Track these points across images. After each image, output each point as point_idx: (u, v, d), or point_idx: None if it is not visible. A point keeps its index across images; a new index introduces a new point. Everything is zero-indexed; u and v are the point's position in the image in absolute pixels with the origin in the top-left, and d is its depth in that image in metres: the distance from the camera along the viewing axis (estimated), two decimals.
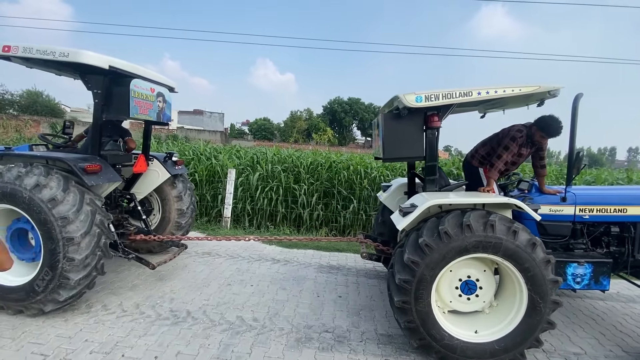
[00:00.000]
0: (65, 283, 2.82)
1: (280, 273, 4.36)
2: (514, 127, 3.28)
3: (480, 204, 2.72)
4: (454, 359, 2.56)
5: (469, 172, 3.65)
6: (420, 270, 2.50)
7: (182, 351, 2.61)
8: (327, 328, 3.10)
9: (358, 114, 63.87)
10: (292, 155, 8.09)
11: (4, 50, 2.96)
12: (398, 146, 2.97)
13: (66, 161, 2.98)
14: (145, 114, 3.40)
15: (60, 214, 2.77)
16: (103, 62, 2.98)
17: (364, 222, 6.75)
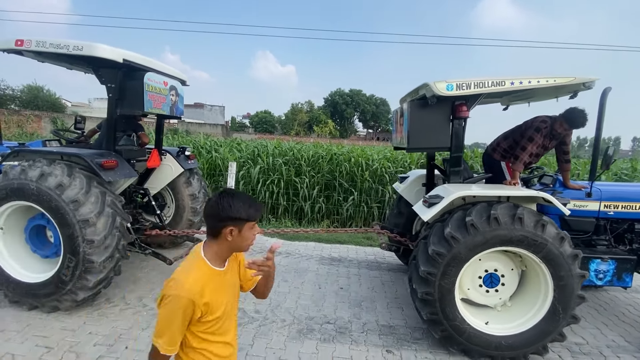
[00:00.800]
0: (91, 267, 2.80)
1: (282, 265, 4.38)
2: (538, 118, 3.20)
3: (507, 196, 2.67)
4: (478, 351, 2.58)
5: (490, 165, 3.56)
6: (445, 262, 2.48)
7: None
8: (329, 319, 3.11)
9: (360, 105, 63.48)
10: (293, 148, 8.06)
11: (17, 44, 2.91)
12: (424, 136, 2.92)
13: (83, 157, 2.94)
14: (159, 108, 3.36)
15: (70, 198, 2.74)
16: (117, 56, 2.93)
17: (365, 215, 6.74)
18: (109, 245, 2.87)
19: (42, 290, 2.87)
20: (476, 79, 2.68)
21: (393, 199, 6.58)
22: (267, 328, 2.91)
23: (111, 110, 3.23)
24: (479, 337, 2.56)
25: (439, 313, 2.54)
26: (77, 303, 2.91)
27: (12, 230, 3.12)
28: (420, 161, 7.36)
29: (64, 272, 2.81)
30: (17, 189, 2.81)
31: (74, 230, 2.74)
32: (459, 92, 2.68)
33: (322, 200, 6.86)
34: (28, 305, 2.95)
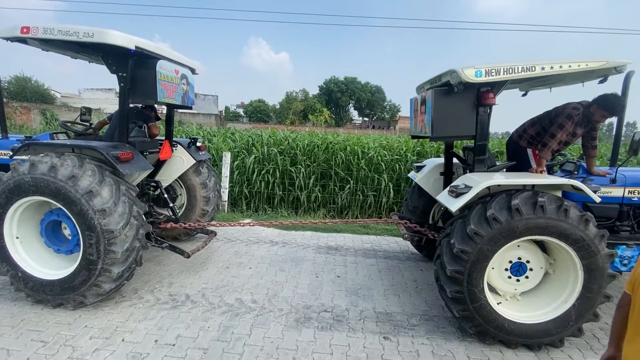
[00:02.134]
0: (112, 258, 2.73)
1: (278, 255, 4.38)
2: (569, 105, 3.12)
3: (537, 184, 2.63)
4: (513, 341, 2.59)
5: (515, 152, 3.48)
6: (481, 244, 2.45)
7: (182, 334, 2.63)
8: (326, 308, 3.12)
9: (355, 93, 62.93)
10: (288, 137, 7.98)
11: (23, 32, 2.74)
12: (448, 124, 2.85)
13: (98, 149, 2.82)
14: (171, 98, 3.23)
15: (84, 189, 2.65)
16: (129, 42, 2.77)
17: (361, 203, 6.74)
18: (129, 234, 2.80)
19: (53, 288, 2.81)
20: (505, 64, 2.61)
21: (400, 189, 6.58)
22: (264, 317, 2.91)
23: (123, 101, 3.09)
24: (515, 327, 2.56)
25: (470, 309, 2.54)
26: (102, 296, 2.87)
27: (27, 228, 3.02)
28: (417, 149, 7.33)
29: (86, 265, 2.75)
30: (28, 184, 2.70)
31: (91, 222, 2.66)
32: (488, 79, 2.60)
33: (318, 189, 6.84)
34: (52, 302, 2.88)
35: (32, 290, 2.86)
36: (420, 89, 3.66)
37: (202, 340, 2.57)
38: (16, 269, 2.87)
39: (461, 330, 2.85)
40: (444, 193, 2.88)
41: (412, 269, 4.11)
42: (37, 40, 2.85)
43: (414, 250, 4.76)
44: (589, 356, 2.59)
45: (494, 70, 2.59)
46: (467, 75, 2.58)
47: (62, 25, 2.72)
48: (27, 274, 2.86)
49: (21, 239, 2.97)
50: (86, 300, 2.84)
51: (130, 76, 3.00)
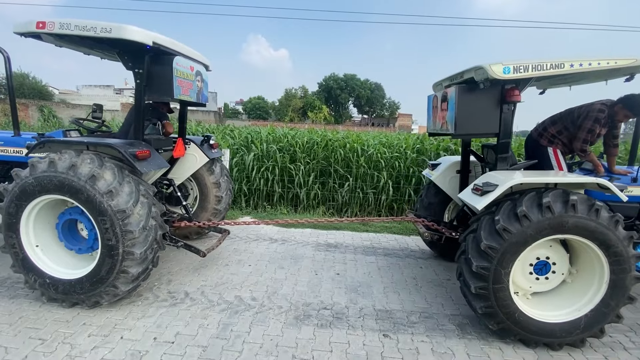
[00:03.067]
0: (131, 258, 2.70)
1: (278, 252, 4.36)
2: (594, 107, 3.09)
3: (564, 183, 2.62)
4: (536, 340, 2.57)
5: (536, 151, 3.44)
6: (510, 241, 2.44)
7: (181, 332, 2.62)
8: (326, 305, 3.12)
9: (354, 90, 62.78)
10: (287, 134, 7.95)
11: (38, 27, 2.65)
12: (472, 121, 2.83)
13: (115, 147, 2.77)
14: (187, 95, 3.17)
15: (104, 188, 2.61)
16: (147, 38, 2.72)
17: (361, 200, 6.73)
18: (148, 235, 2.76)
19: (82, 286, 2.77)
20: (534, 61, 2.58)
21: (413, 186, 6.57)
22: (264, 315, 2.91)
23: (139, 97, 3.03)
24: (536, 325, 2.55)
25: (494, 306, 2.52)
26: (118, 296, 2.83)
27: (44, 235, 2.98)
28: (416, 146, 7.31)
29: (103, 266, 2.70)
30: (47, 183, 2.65)
31: (111, 222, 2.62)
32: (516, 75, 2.57)
33: (317, 186, 6.82)
34: (68, 302, 2.85)
35: (64, 294, 2.80)
36: (437, 86, 3.63)
37: (201, 338, 2.56)
38: (43, 277, 2.82)
39: (461, 327, 2.85)
40: (467, 191, 2.85)
41: (411, 266, 4.11)
42: (52, 36, 2.78)
43: (414, 248, 4.75)
44: (589, 354, 2.60)
45: (522, 67, 2.56)
46: (494, 71, 2.55)
47: (79, 21, 2.66)
48: (55, 278, 2.81)
49: (41, 247, 2.93)
50: (102, 300, 2.81)
51: (147, 72, 2.96)
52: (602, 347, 2.66)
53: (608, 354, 2.60)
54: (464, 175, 3.63)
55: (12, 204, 2.75)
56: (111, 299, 2.83)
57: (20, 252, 2.83)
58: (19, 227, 2.79)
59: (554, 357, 2.54)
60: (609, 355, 2.59)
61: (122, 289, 2.79)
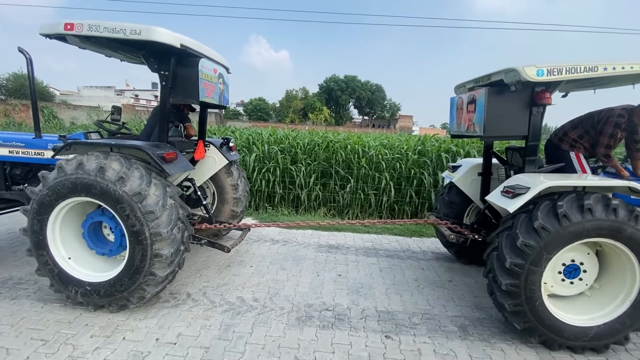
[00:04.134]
0: (159, 260, 2.68)
1: (279, 253, 4.36)
2: (614, 112, 3.10)
3: (595, 186, 2.63)
4: (560, 342, 2.57)
5: (557, 155, 3.41)
6: (534, 253, 2.44)
7: (183, 332, 2.62)
8: (328, 306, 3.11)
9: (355, 92, 62.87)
10: (288, 135, 7.96)
11: (67, 28, 2.64)
12: (501, 123, 2.84)
13: (144, 149, 2.76)
14: (210, 97, 3.17)
15: (133, 190, 2.59)
16: (175, 40, 2.70)
17: (362, 202, 6.73)
18: (176, 237, 2.75)
19: (109, 289, 2.75)
20: (568, 64, 2.58)
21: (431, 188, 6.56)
22: (266, 316, 2.90)
23: (164, 99, 3.01)
24: (563, 328, 2.55)
25: (524, 304, 2.51)
26: (146, 299, 2.81)
27: (68, 236, 2.97)
28: (417, 148, 7.32)
29: (123, 280, 2.70)
30: (76, 184, 2.63)
31: (139, 224, 2.61)
32: (550, 78, 2.57)
33: (318, 188, 6.83)
34: (92, 305, 2.84)
35: (107, 297, 2.77)
36: (460, 88, 3.63)
37: (203, 339, 2.56)
38: (82, 285, 2.79)
39: (463, 329, 2.85)
40: (496, 194, 2.85)
41: (413, 267, 4.11)
42: (78, 38, 2.78)
43: (415, 249, 4.75)
44: (591, 355, 2.59)
45: (556, 70, 2.56)
46: (528, 74, 2.55)
47: (107, 22, 2.67)
48: (94, 283, 2.78)
49: (73, 258, 2.93)
50: (129, 303, 2.80)
51: (172, 75, 2.96)
52: None
53: (609, 356, 2.59)
54: (485, 177, 3.63)
55: (40, 207, 2.72)
56: (139, 301, 2.82)
57: (55, 267, 2.80)
58: (47, 242, 2.79)
59: (556, 358, 2.54)
60: (610, 356, 2.58)
61: (150, 291, 2.76)
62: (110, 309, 2.82)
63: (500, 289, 2.57)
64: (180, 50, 2.81)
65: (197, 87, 2.94)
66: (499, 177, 3.66)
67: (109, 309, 2.83)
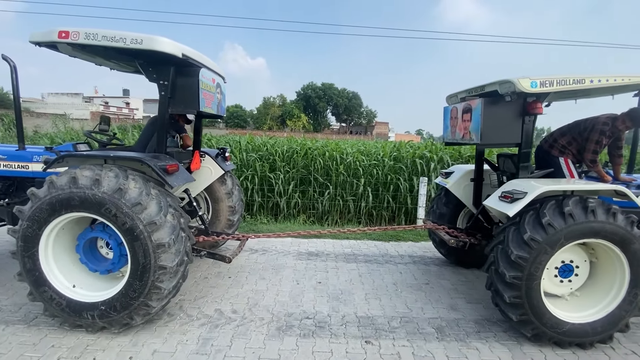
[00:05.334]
0: (163, 273, 2.57)
1: (258, 263, 4.32)
2: (600, 120, 3.29)
3: (588, 190, 2.79)
4: (567, 342, 2.69)
5: (547, 160, 3.58)
6: (554, 236, 2.55)
7: (159, 349, 2.53)
8: (308, 314, 3.11)
9: (332, 99, 63.64)
10: (266, 142, 7.93)
11: (61, 36, 2.52)
12: (496, 132, 2.99)
13: (145, 161, 2.66)
14: (209, 107, 3.12)
15: (131, 201, 2.49)
16: (177, 50, 2.64)
17: (341, 208, 6.80)
18: (179, 247, 2.66)
19: (124, 299, 2.59)
20: (558, 76, 2.77)
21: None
22: (245, 328, 2.86)
23: (163, 110, 2.92)
24: (569, 327, 2.67)
25: (528, 313, 2.62)
26: (150, 315, 2.69)
27: (63, 254, 2.81)
28: (394, 154, 7.50)
29: (134, 283, 2.55)
30: (69, 199, 2.50)
31: (140, 235, 2.50)
32: (542, 89, 2.74)
33: (297, 195, 6.83)
34: (116, 325, 2.65)
35: (126, 308, 2.60)
36: (452, 98, 3.78)
37: (180, 355, 2.48)
38: (96, 308, 2.62)
39: (440, 330, 2.93)
40: (493, 199, 2.97)
41: (391, 272, 4.19)
42: (71, 46, 2.65)
43: (393, 254, 4.85)
44: (583, 356, 2.74)
45: (547, 82, 2.75)
46: (523, 85, 2.72)
47: (106, 31, 2.56)
48: (108, 300, 2.62)
49: (78, 284, 2.76)
50: (133, 321, 2.65)
51: (171, 84, 2.88)
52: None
53: (581, 352, 2.75)
54: (478, 183, 3.80)
55: (31, 226, 2.56)
56: (143, 319, 2.69)
57: (62, 299, 2.64)
58: (45, 277, 2.63)
59: (527, 354, 2.66)
60: (593, 353, 2.75)
61: (155, 306, 2.64)
62: (113, 329, 2.68)
63: (504, 301, 2.68)
64: (181, 60, 2.77)
65: (197, 97, 2.89)
66: (490, 183, 3.88)
67: (111, 329, 2.68)
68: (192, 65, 2.94)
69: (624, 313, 2.69)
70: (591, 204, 2.57)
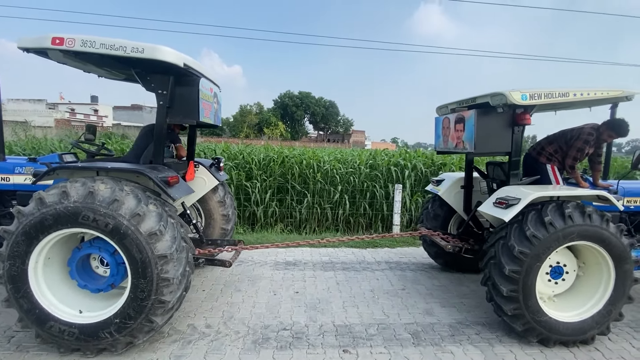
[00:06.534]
0: (167, 285, 2.45)
1: (234, 274, 4.21)
2: (585, 130, 3.47)
3: (576, 195, 3.00)
4: (555, 339, 2.83)
5: (535, 167, 3.72)
6: (528, 259, 2.70)
7: None
8: (285, 326, 3.06)
9: (309, 107, 64.08)
10: (242, 151, 7.83)
11: (55, 42, 2.39)
12: (489, 141, 3.14)
13: (146, 173, 2.57)
14: (207, 117, 3.06)
15: (129, 212, 2.38)
16: (180, 60, 2.57)
17: (319, 216, 6.79)
18: (181, 257, 2.55)
19: (137, 305, 2.44)
20: (545, 90, 2.95)
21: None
22: (219, 342, 2.76)
23: (161, 120, 2.83)
24: (557, 325, 2.82)
25: (522, 308, 2.74)
26: (155, 331, 2.56)
27: (54, 277, 2.63)
28: (369, 162, 7.63)
29: (136, 299, 2.42)
30: (61, 215, 2.34)
31: (141, 248, 2.38)
32: (531, 102, 2.91)
33: (275, 204, 6.76)
34: (92, 349, 2.49)
35: (139, 312, 2.45)
36: (442, 109, 3.92)
37: None
38: (112, 323, 2.46)
39: (415, 335, 2.97)
40: (488, 205, 3.11)
41: (369, 278, 4.22)
42: (64, 52, 2.50)
43: (370, 260, 4.89)
44: (550, 355, 2.85)
45: (536, 95, 2.93)
46: (514, 98, 2.88)
47: (104, 39, 2.44)
48: (120, 312, 2.46)
49: (84, 308, 2.60)
50: (136, 339, 2.50)
51: (170, 94, 2.79)
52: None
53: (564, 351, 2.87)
54: (468, 190, 3.96)
55: (13, 264, 2.39)
56: (146, 336, 2.54)
57: (73, 328, 2.46)
58: (47, 311, 2.46)
59: (498, 355, 2.75)
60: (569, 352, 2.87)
61: (159, 322, 2.51)
62: (113, 350, 2.52)
63: (501, 295, 2.79)
64: (181, 70, 2.70)
65: (197, 107, 2.84)
66: (480, 190, 4.07)
67: (111, 349, 2.52)
68: (192, 75, 2.90)
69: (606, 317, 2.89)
70: (588, 210, 2.79)
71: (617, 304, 2.88)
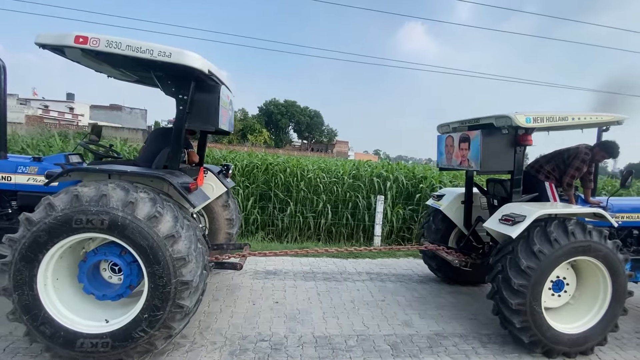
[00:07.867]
0: (185, 289, 2.39)
1: (212, 283, 4.09)
2: (581, 150, 3.62)
3: (577, 213, 3.15)
4: (559, 350, 2.93)
5: (533, 184, 3.80)
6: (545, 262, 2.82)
7: None
8: (264, 337, 3.00)
9: (294, 116, 64.31)
10: (225, 157, 7.73)
11: (78, 41, 2.29)
12: (493, 160, 3.28)
13: (166, 178, 2.50)
14: (224, 124, 3.04)
15: (145, 215, 2.32)
16: (205, 66, 2.52)
17: (301, 225, 6.76)
18: (198, 260, 2.50)
19: (159, 301, 2.36)
20: (547, 113, 3.11)
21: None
22: (195, 354, 2.67)
23: (180, 125, 2.78)
24: (561, 337, 2.93)
25: (529, 321, 2.82)
26: (173, 337, 2.51)
27: (65, 288, 2.54)
28: (353, 172, 7.71)
29: (157, 288, 2.35)
30: (74, 220, 2.26)
31: (158, 252, 2.32)
32: (534, 124, 3.06)
33: (257, 211, 6.68)
34: (133, 355, 2.41)
35: (164, 301, 2.38)
36: (443, 127, 4.06)
37: None
38: (141, 320, 2.38)
39: (394, 347, 2.98)
40: (493, 222, 3.21)
41: (350, 289, 4.21)
42: (84, 52, 2.39)
43: (351, 271, 4.89)
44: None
45: (539, 118, 3.09)
46: (519, 120, 3.02)
47: (131, 40, 2.36)
48: (146, 306, 2.38)
49: (109, 317, 2.51)
50: (152, 346, 2.40)
51: (191, 99, 2.74)
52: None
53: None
54: (468, 205, 4.06)
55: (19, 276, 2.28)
56: (164, 343, 2.48)
57: (105, 338, 2.36)
58: (75, 330, 2.36)
59: None
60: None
61: (177, 328, 2.46)
62: (154, 348, 2.46)
63: (509, 308, 2.85)
64: (203, 75, 2.67)
65: (217, 114, 2.86)
66: (480, 205, 4.20)
67: (152, 349, 2.46)
68: (213, 82, 2.89)
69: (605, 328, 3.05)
70: (589, 227, 2.94)
71: (614, 316, 3.04)
